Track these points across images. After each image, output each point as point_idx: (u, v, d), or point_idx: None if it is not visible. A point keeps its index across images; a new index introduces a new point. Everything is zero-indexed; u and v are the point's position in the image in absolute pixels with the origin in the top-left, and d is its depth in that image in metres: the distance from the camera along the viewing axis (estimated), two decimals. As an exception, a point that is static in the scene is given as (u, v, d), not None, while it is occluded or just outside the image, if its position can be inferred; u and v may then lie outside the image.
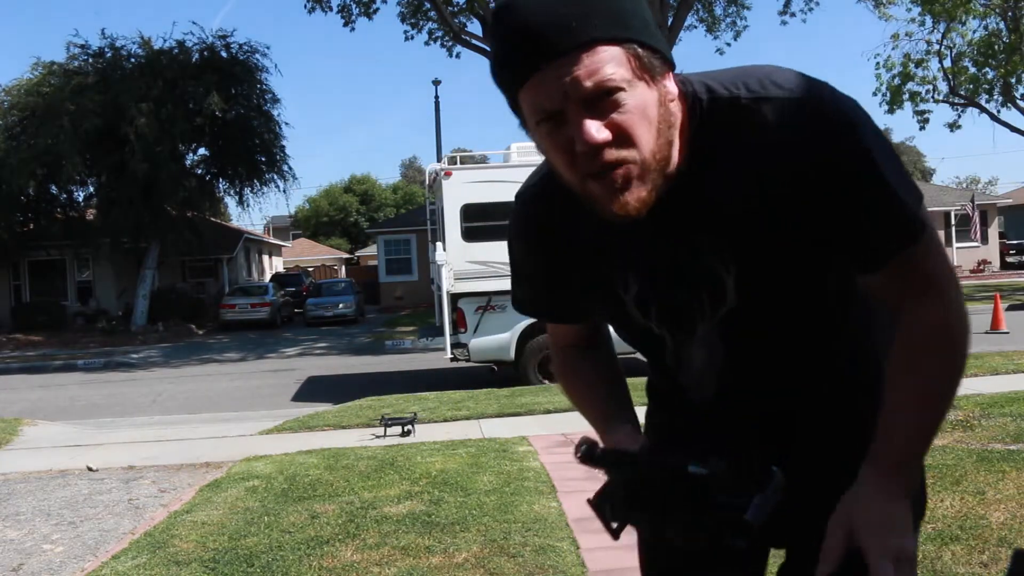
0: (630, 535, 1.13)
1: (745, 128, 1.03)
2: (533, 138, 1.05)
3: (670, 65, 1.02)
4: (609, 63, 0.95)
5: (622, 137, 0.97)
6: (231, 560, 3.93)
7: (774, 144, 1.02)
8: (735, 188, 1.05)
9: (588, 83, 0.95)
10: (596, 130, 0.96)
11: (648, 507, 1.04)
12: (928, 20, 25.49)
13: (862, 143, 1.01)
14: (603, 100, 0.96)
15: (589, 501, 1.08)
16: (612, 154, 0.98)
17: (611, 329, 1.32)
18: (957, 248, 30.21)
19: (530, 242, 1.23)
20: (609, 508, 1.06)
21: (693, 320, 1.15)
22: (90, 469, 6.39)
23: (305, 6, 21.40)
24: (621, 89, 0.96)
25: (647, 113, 0.98)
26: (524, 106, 1.02)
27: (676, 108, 1.04)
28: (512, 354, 9.78)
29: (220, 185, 27.56)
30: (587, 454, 1.06)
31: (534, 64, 0.96)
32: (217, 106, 23.58)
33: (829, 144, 1.00)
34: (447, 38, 22.62)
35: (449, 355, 9.90)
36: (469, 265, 9.51)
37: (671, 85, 1.02)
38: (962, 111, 28.61)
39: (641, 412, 1.33)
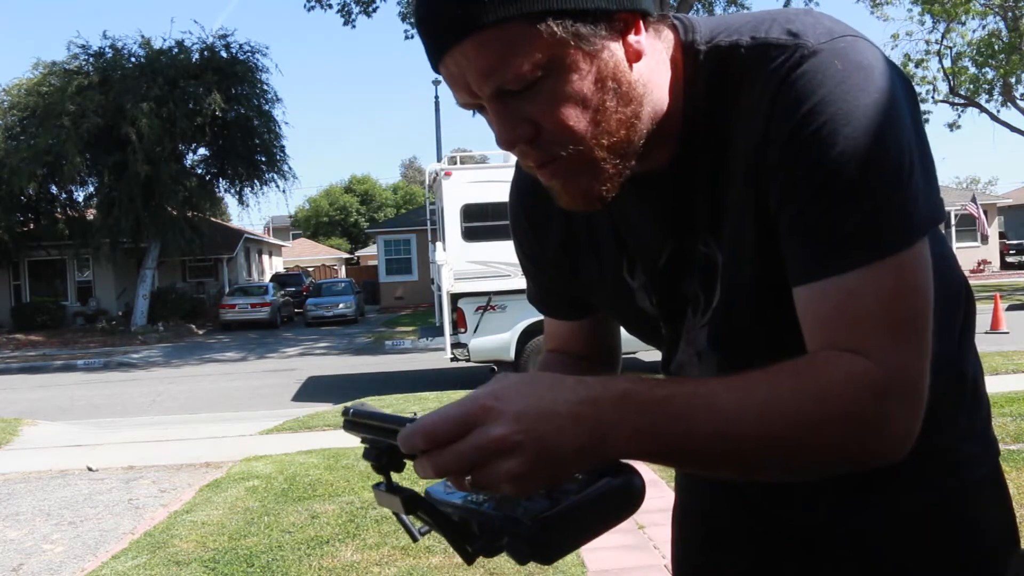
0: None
1: (744, 85, 0.83)
2: None
3: (637, 14, 0.81)
4: (506, 54, 0.77)
5: (544, 132, 0.81)
6: (231, 560, 3.93)
7: (758, 105, 0.81)
8: (729, 161, 0.86)
9: (485, 87, 0.79)
10: (509, 130, 0.81)
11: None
12: (928, 20, 25.56)
13: (812, 111, 0.77)
14: (515, 92, 0.79)
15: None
16: (538, 151, 0.82)
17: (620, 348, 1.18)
18: (957, 248, 30.25)
19: (522, 230, 1.10)
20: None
21: (684, 315, 0.97)
22: (90, 469, 6.39)
23: (305, 4, 21.43)
24: (532, 82, 0.78)
25: (578, 96, 0.79)
26: None
27: (656, 66, 0.85)
28: (512, 354, 9.77)
29: (220, 185, 27.65)
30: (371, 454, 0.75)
31: (436, 55, 0.80)
32: (217, 106, 23.61)
33: (774, 107, 0.79)
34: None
35: (449, 355, 9.89)
36: (469, 265, 9.51)
37: (641, 41, 0.82)
38: (962, 111, 28.74)
39: None
